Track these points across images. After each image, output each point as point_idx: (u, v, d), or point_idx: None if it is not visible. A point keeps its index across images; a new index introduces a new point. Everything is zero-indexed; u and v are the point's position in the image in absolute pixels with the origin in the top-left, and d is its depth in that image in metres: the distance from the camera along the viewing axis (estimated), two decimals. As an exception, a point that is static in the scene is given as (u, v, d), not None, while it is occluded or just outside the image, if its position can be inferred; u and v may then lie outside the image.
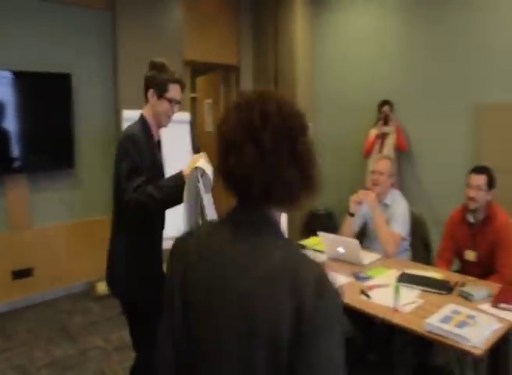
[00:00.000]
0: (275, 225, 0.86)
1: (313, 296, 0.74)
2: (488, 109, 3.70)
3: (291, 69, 5.18)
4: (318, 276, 0.77)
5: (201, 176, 1.66)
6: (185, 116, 3.64)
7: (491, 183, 2.44)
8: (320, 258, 2.74)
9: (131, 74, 4.21)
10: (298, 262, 0.79)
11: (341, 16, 4.97)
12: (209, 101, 6.00)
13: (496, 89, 3.70)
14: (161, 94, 1.94)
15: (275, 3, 5.27)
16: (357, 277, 2.38)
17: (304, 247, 2.91)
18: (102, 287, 3.99)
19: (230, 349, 0.79)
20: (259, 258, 0.80)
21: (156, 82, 1.93)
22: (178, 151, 3.38)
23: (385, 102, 4.31)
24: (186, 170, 1.84)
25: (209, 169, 1.74)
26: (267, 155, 0.79)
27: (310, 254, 1.24)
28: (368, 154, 4.37)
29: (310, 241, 3.06)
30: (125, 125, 3.37)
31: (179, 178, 1.83)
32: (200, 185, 1.59)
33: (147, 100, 1.98)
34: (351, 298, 2.13)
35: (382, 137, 4.27)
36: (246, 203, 0.86)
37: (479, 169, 2.50)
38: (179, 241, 0.94)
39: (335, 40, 5.06)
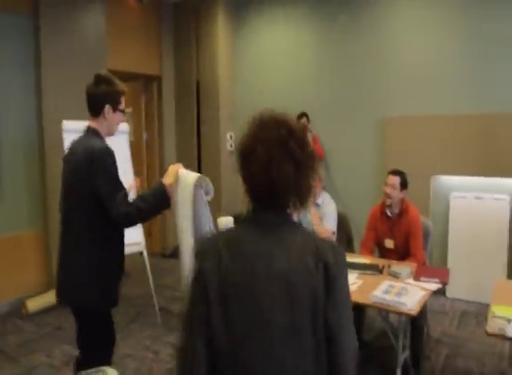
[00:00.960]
0: (291, 219, 1.11)
1: (332, 258, 1.04)
2: (390, 123, 4.43)
3: (213, 80, 5.49)
4: (331, 244, 1.09)
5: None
6: (124, 126, 3.73)
7: (404, 184, 3.04)
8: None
9: (55, 83, 4.17)
10: (314, 238, 1.09)
11: (260, 32, 5.44)
12: (128, 109, 6.01)
13: (396, 106, 4.45)
14: (115, 107, 2.03)
15: (196, 15, 5.56)
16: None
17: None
18: (33, 304, 3.85)
19: (280, 321, 1.01)
20: (288, 245, 1.05)
21: (110, 97, 2.01)
22: (119, 162, 3.47)
23: (302, 114, 4.85)
24: (167, 180, 1.96)
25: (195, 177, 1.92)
26: (299, 170, 1.05)
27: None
28: (288, 161, 4.86)
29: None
30: (66, 136, 3.37)
31: (160, 189, 1.94)
32: (203, 194, 1.77)
33: (98, 114, 2.01)
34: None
35: (301, 145, 4.79)
36: (268, 206, 1.08)
37: (395, 172, 3.09)
38: (206, 244, 1.12)
39: (254, 54, 5.51)
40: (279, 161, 1.03)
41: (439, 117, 4.15)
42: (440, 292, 4.01)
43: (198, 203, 1.75)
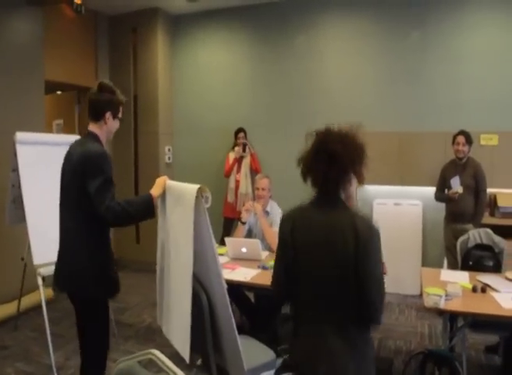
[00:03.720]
0: (341, 202, 1.59)
1: (366, 233, 1.48)
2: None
3: (152, 95, 5.63)
4: (369, 223, 1.51)
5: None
6: (74, 138, 3.72)
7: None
8: (222, 259, 3.34)
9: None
10: (355, 218, 1.51)
11: (198, 49, 5.73)
12: (59, 121, 5.87)
13: (326, 122, 4.98)
14: (115, 115, 2.22)
15: (133, 31, 5.68)
16: (264, 268, 3.10)
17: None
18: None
19: (325, 264, 1.52)
20: (336, 220, 1.53)
21: (112, 105, 2.19)
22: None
23: (240, 130, 5.20)
24: (155, 192, 2.16)
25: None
26: (345, 170, 1.55)
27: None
28: (228, 174, 5.16)
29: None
30: (19, 147, 3.32)
31: (148, 198, 2.12)
32: (204, 203, 1.94)
33: (98, 120, 2.18)
34: (268, 281, 2.82)
35: (240, 159, 5.13)
36: (325, 193, 1.59)
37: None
38: (287, 215, 1.68)
39: (193, 70, 5.78)
40: (338, 165, 1.57)
41: (363, 134, 4.75)
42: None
43: (199, 212, 1.93)
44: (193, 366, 2.51)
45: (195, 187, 1.94)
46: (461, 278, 2.85)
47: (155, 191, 2.17)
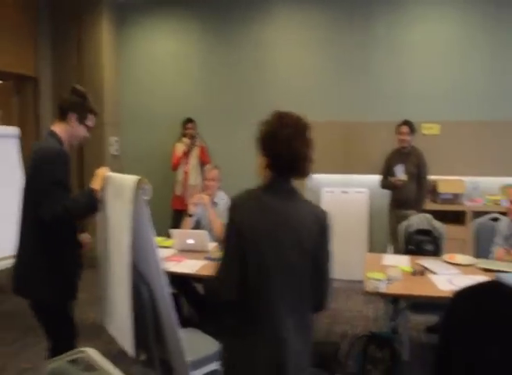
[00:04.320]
0: (296, 189, 1.54)
1: (325, 221, 1.51)
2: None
3: (97, 85, 5.40)
4: (325, 213, 1.53)
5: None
6: (12, 130, 3.53)
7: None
8: (168, 252, 3.28)
9: None
10: (315, 207, 1.54)
11: (147, 38, 5.57)
12: (-4, 111, 5.53)
13: (272, 110, 4.99)
14: (82, 120, 2.16)
15: (78, 20, 5.42)
16: (210, 259, 3.07)
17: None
18: None
19: (291, 256, 1.45)
20: (298, 208, 1.50)
21: (80, 109, 2.14)
22: (6, 166, 3.31)
23: (188, 120, 5.10)
24: (95, 185, 2.08)
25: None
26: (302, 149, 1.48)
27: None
28: (176, 167, 5.05)
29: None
30: None
31: (90, 194, 2.06)
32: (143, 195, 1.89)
33: (62, 120, 2.14)
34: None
35: (188, 151, 5.04)
36: (281, 177, 1.50)
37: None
38: (238, 203, 1.52)
39: (141, 59, 5.62)
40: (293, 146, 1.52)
41: (311, 123, 4.82)
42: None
43: (138, 204, 1.88)
44: (138, 362, 2.46)
45: (134, 178, 1.88)
46: (402, 262, 2.96)
47: (95, 184, 2.10)
